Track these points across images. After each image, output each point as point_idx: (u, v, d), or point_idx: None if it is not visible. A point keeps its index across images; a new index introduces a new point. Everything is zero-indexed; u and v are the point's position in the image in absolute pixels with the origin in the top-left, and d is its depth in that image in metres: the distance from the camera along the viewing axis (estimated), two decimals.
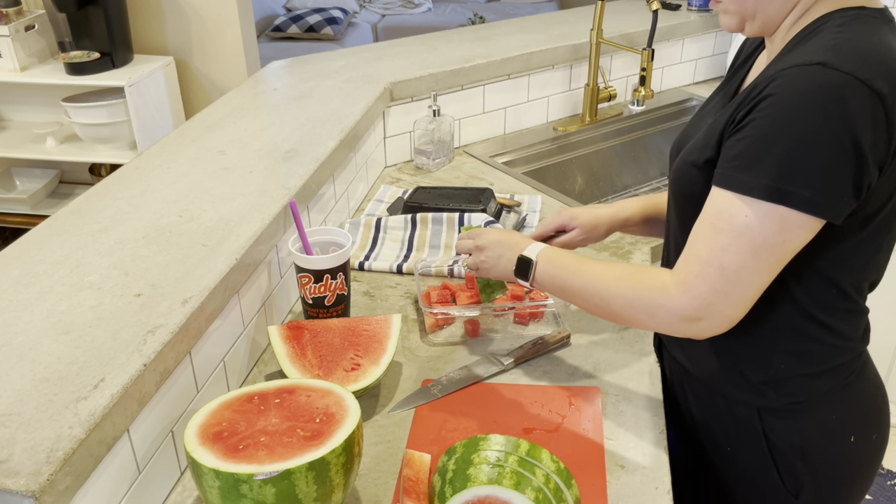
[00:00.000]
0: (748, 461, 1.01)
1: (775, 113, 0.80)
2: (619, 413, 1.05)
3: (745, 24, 0.91)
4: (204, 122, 1.49)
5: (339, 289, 1.16)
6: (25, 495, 0.67)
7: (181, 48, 2.81)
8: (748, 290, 0.84)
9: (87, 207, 1.15)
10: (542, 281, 1.02)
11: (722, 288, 0.84)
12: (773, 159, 0.79)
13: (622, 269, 0.95)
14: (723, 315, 0.86)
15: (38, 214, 2.78)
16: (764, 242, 0.82)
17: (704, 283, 0.85)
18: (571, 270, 0.98)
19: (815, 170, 0.78)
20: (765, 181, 0.80)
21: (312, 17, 5.07)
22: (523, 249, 1.04)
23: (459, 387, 1.09)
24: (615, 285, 0.93)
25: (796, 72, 0.80)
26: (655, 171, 2.23)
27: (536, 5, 5.75)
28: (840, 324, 0.94)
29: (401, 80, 1.75)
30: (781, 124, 0.79)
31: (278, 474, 0.77)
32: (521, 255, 1.03)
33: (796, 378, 0.95)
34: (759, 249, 0.82)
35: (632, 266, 0.96)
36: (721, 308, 0.85)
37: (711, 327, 0.87)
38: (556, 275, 1.00)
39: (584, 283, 0.96)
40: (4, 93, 2.87)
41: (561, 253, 1.02)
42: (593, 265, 0.98)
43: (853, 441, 0.99)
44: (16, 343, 0.85)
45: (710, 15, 2.35)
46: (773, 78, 0.81)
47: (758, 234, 0.81)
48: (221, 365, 1.04)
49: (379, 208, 1.62)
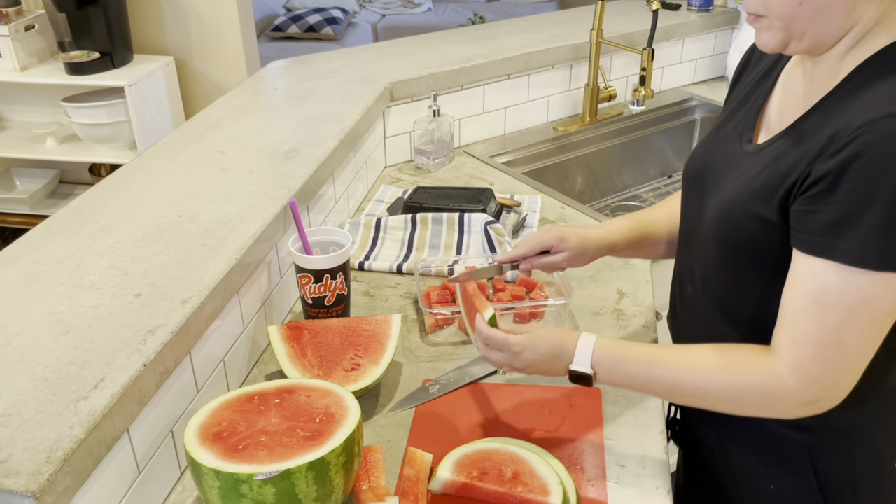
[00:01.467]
0: (794, 498, 0.95)
1: (874, 174, 0.72)
2: (619, 413, 1.05)
3: (791, 42, 0.82)
4: (204, 122, 1.49)
5: (339, 289, 1.16)
6: (25, 495, 0.67)
7: (181, 48, 2.81)
8: (866, 359, 0.80)
9: (87, 207, 1.15)
10: (611, 384, 0.92)
11: (842, 366, 0.79)
12: (879, 224, 0.72)
13: (711, 360, 0.86)
14: (843, 389, 0.81)
15: (38, 214, 2.78)
16: (881, 311, 0.76)
17: (824, 366, 0.79)
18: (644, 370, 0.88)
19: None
20: (874, 250, 0.73)
21: (312, 17, 5.07)
22: (571, 358, 0.91)
23: (457, 386, 1.09)
24: (712, 383, 0.85)
25: (890, 124, 0.72)
26: (655, 171, 2.23)
27: (536, 5, 5.75)
28: (886, 346, 0.87)
29: (401, 80, 1.75)
30: (883, 185, 0.72)
31: (278, 474, 0.77)
32: (573, 371, 0.92)
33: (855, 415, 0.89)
34: (876, 321, 0.77)
35: (722, 351, 0.87)
36: (841, 384, 0.80)
37: (831, 403, 0.82)
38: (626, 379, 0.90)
39: (669, 383, 0.87)
40: (4, 93, 2.87)
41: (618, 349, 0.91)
42: (668, 357, 0.88)
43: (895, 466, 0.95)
44: (16, 343, 0.85)
45: (710, 15, 2.35)
46: (860, 131, 0.73)
47: (875, 305, 0.76)
48: (221, 365, 1.04)
49: (379, 208, 1.62)
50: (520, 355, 0.93)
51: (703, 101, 2.27)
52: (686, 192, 1.01)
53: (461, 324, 1.23)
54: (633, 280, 1.36)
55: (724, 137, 0.96)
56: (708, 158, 0.97)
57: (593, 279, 1.36)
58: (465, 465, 0.91)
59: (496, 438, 0.96)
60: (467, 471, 0.90)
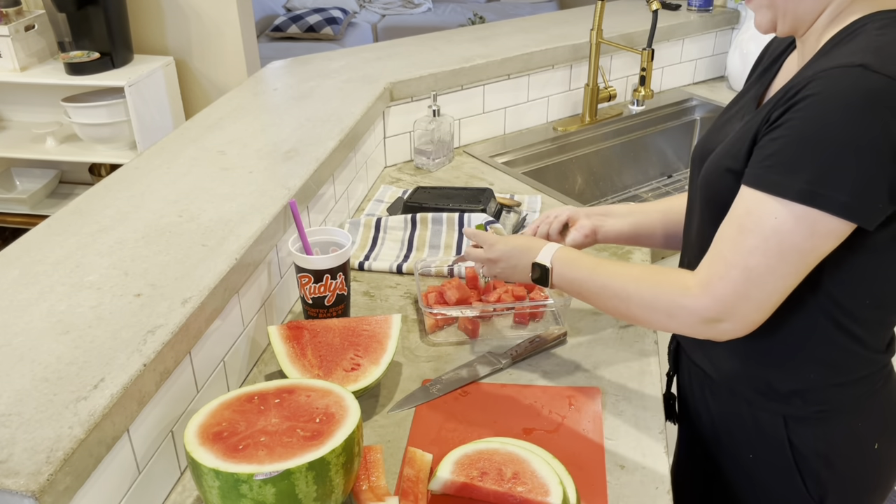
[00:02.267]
0: (771, 468, 1.00)
1: (814, 115, 0.77)
2: (619, 413, 1.05)
3: (777, 22, 0.89)
4: (204, 122, 1.49)
5: (339, 289, 1.16)
6: (25, 495, 0.67)
7: (181, 48, 2.81)
8: (772, 294, 0.83)
9: (87, 207, 1.15)
10: (560, 284, 1.02)
11: (745, 291, 0.83)
12: (809, 162, 0.77)
13: (641, 270, 0.94)
14: (745, 318, 0.84)
15: (38, 214, 2.78)
16: (793, 246, 0.80)
17: (728, 285, 0.83)
18: (588, 271, 0.98)
19: (851, 174, 0.76)
20: (799, 184, 0.78)
21: (312, 17, 5.07)
22: (536, 254, 1.03)
23: (458, 386, 1.09)
24: (634, 286, 0.92)
25: (837, 73, 0.77)
26: (655, 171, 2.23)
27: (536, 5, 5.75)
28: (869, 335, 0.92)
29: (401, 80, 1.75)
30: (820, 126, 0.77)
31: (278, 474, 0.77)
32: (536, 262, 1.03)
33: (824, 387, 0.94)
34: (787, 253, 0.80)
35: (651, 267, 0.96)
36: (743, 311, 0.84)
37: (732, 330, 0.86)
38: (573, 277, 1.00)
39: (602, 284, 0.96)
40: (4, 93, 2.87)
41: (576, 254, 1.02)
42: (610, 266, 0.97)
43: (877, 448, 0.98)
44: (16, 343, 0.85)
45: (710, 15, 2.35)
46: (811, 78, 0.79)
47: (787, 238, 0.80)
48: (221, 365, 1.04)
49: (379, 208, 1.62)
50: (494, 246, 1.09)
51: (703, 101, 2.27)
52: (690, 175, 1.06)
53: (461, 323, 1.23)
54: None
55: (726, 121, 1.01)
56: (709, 140, 1.02)
57: None
58: (465, 464, 0.91)
59: (496, 439, 0.96)
60: (467, 471, 0.90)
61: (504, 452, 0.93)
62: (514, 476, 0.89)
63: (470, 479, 0.89)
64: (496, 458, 0.92)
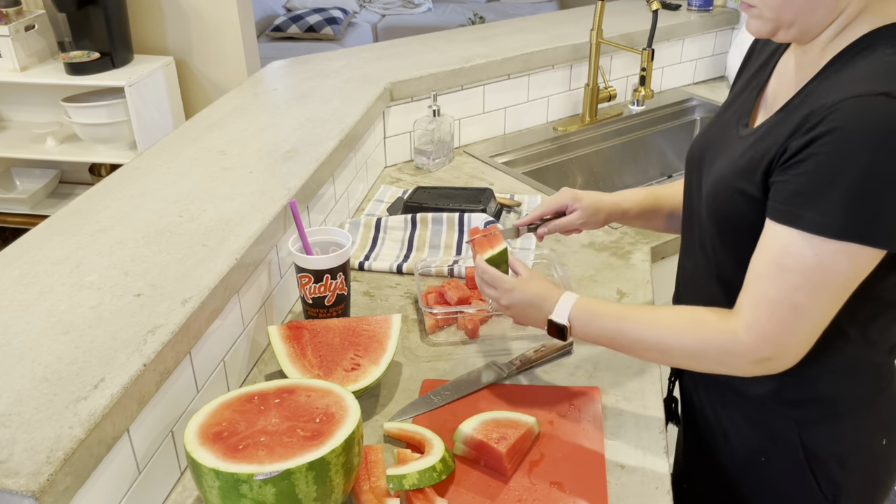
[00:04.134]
0: (783, 470, 0.99)
1: (843, 148, 0.76)
2: (619, 413, 1.05)
3: (780, 31, 0.87)
4: (204, 122, 1.49)
5: (339, 289, 1.16)
6: (25, 495, 0.67)
7: (181, 48, 2.81)
8: (819, 325, 0.83)
9: (87, 207, 1.15)
10: (583, 338, 0.99)
11: (794, 327, 0.83)
12: (842, 196, 0.77)
13: (677, 317, 0.92)
14: (794, 352, 0.85)
15: (38, 214, 2.78)
16: (837, 279, 0.80)
17: (777, 325, 0.83)
18: (616, 324, 0.95)
19: (885, 205, 0.76)
20: (835, 220, 0.77)
21: (312, 17, 5.07)
22: (551, 310, 0.99)
23: (461, 395, 1.08)
24: (676, 339, 0.90)
25: (859, 103, 0.76)
26: (655, 171, 2.23)
27: (536, 5, 5.75)
28: (879, 338, 0.92)
29: (401, 80, 1.75)
30: (849, 160, 0.76)
31: (278, 474, 0.77)
32: (552, 321, 0.98)
33: (835, 392, 0.94)
34: (831, 286, 0.80)
35: (686, 312, 0.93)
36: (794, 346, 0.84)
37: (782, 365, 0.86)
38: (599, 333, 0.96)
39: (636, 338, 0.93)
40: (4, 93, 2.87)
41: (596, 304, 0.98)
42: (638, 314, 0.94)
43: (885, 443, 0.98)
44: (16, 343, 0.85)
45: (710, 15, 2.35)
46: (832, 109, 0.78)
47: (830, 272, 0.79)
48: (221, 365, 1.04)
49: (379, 208, 1.62)
50: (509, 293, 1.03)
51: (703, 101, 2.27)
52: (686, 174, 1.06)
53: (461, 323, 1.23)
54: (633, 280, 1.36)
55: (723, 123, 1.01)
56: (706, 142, 1.01)
57: (593, 279, 1.36)
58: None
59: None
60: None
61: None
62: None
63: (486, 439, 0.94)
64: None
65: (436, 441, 0.96)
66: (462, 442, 0.97)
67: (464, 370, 1.14)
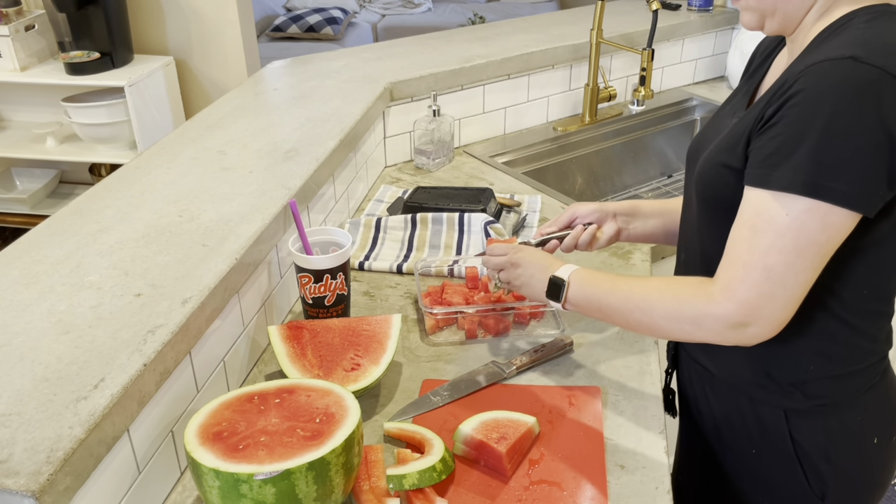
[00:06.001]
0: (773, 463, 1.01)
1: (807, 108, 0.79)
2: (619, 412, 1.05)
3: (765, 21, 0.91)
4: (204, 122, 1.49)
5: (339, 289, 1.16)
6: (25, 495, 0.67)
7: (181, 48, 2.81)
8: (795, 291, 0.83)
9: (87, 207, 1.15)
10: (577, 301, 1.00)
11: (768, 290, 0.83)
12: (808, 154, 0.79)
13: (661, 282, 0.94)
14: (771, 319, 0.84)
15: (38, 214, 2.78)
16: (808, 240, 0.81)
17: (750, 287, 0.83)
18: (607, 288, 0.97)
19: (850, 164, 0.78)
20: (802, 177, 0.79)
21: (312, 17, 5.07)
22: (555, 270, 1.03)
23: (461, 395, 1.08)
24: (656, 298, 0.92)
25: (826, 66, 0.79)
26: (655, 171, 2.23)
27: (536, 5, 5.75)
28: (868, 326, 0.93)
29: (401, 80, 1.75)
30: (814, 119, 0.78)
31: (278, 474, 0.77)
32: (553, 276, 1.02)
33: (824, 380, 0.95)
34: (803, 247, 0.81)
35: (670, 278, 0.95)
36: (769, 312, 0.84)
37: (760, 333, 0.86)
38: (591, 294, 0.99)
39: (622, 299, 0.95)
40: (4, 93, 2.87)
41: (594, 272, 1.01)
42: (629, 281, 0.97)
43: (876, 443, 0.99)
44: (16, 343, 0.85)
45: (710, 15, 2.35)
46: (802, 73, 0.80)
47: (802, 232, 0.80)
48: (221, 365, 1.04)
49: (379, 208, 1.62)
50: (517, 253, 1.09)
51: (703, 101, 2.27)
52: (686, 171, 1.07)
53: (461, 323, 1.23)
54: None
55: (720, 117, 1.03)
56: (703, 138, 1.03)
57: None
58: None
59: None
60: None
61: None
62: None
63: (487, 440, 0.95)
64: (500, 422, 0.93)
65: (436, 441, 0.96)
66: (462, 442, 0.97)
67: (464, 370, 1.14)
